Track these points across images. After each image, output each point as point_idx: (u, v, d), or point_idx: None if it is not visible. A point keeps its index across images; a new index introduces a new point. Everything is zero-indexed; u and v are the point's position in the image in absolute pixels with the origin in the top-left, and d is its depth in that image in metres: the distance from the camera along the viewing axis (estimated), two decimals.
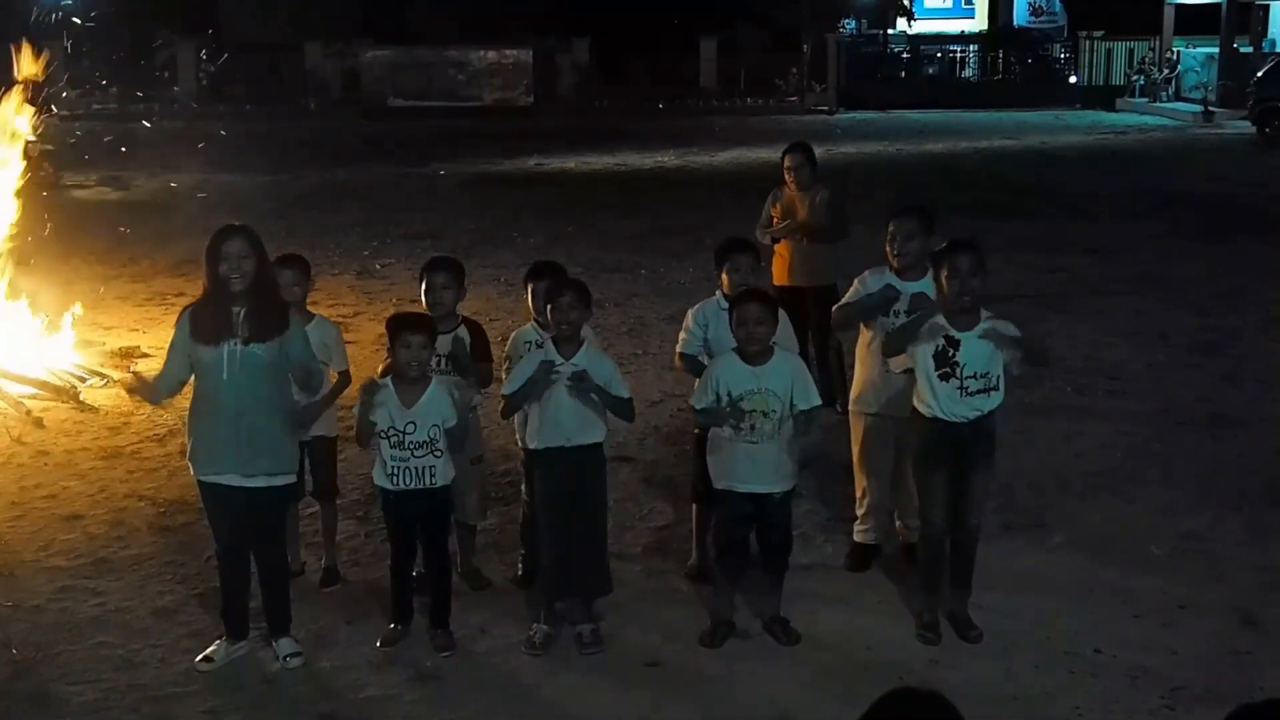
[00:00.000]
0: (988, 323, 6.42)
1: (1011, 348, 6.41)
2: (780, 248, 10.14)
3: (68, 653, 6.49)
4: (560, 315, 6.43)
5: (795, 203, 10.10)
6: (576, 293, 6.51)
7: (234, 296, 6.08)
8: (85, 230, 16.58)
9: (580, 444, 6.47)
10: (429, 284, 6.92)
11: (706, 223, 16.94)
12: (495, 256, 15.95)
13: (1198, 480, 8.67)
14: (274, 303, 6.22)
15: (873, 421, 7.21)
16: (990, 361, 6.40)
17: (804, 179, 10.10)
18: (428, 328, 6.45)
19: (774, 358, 6.41)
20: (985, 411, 6.44)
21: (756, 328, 6.36)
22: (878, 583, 7.16)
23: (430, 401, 6.36)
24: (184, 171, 21.86)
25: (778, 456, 6.44)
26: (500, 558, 7.45)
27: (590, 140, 30.13)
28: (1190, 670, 6.21)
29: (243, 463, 6.14)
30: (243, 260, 6.07)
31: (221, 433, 6.14)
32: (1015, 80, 44.00)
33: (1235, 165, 26.19)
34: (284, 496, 6.45)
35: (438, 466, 6.39)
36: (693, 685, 6.19)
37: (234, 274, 6.05)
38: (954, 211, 19.54)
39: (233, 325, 6.08)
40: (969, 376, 6.37)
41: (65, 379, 10.78)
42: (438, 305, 6.88)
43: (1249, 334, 12.48)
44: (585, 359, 6.43)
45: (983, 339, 6.37)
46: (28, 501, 8.48)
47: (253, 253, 6.11)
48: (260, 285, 6.14)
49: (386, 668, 6.33)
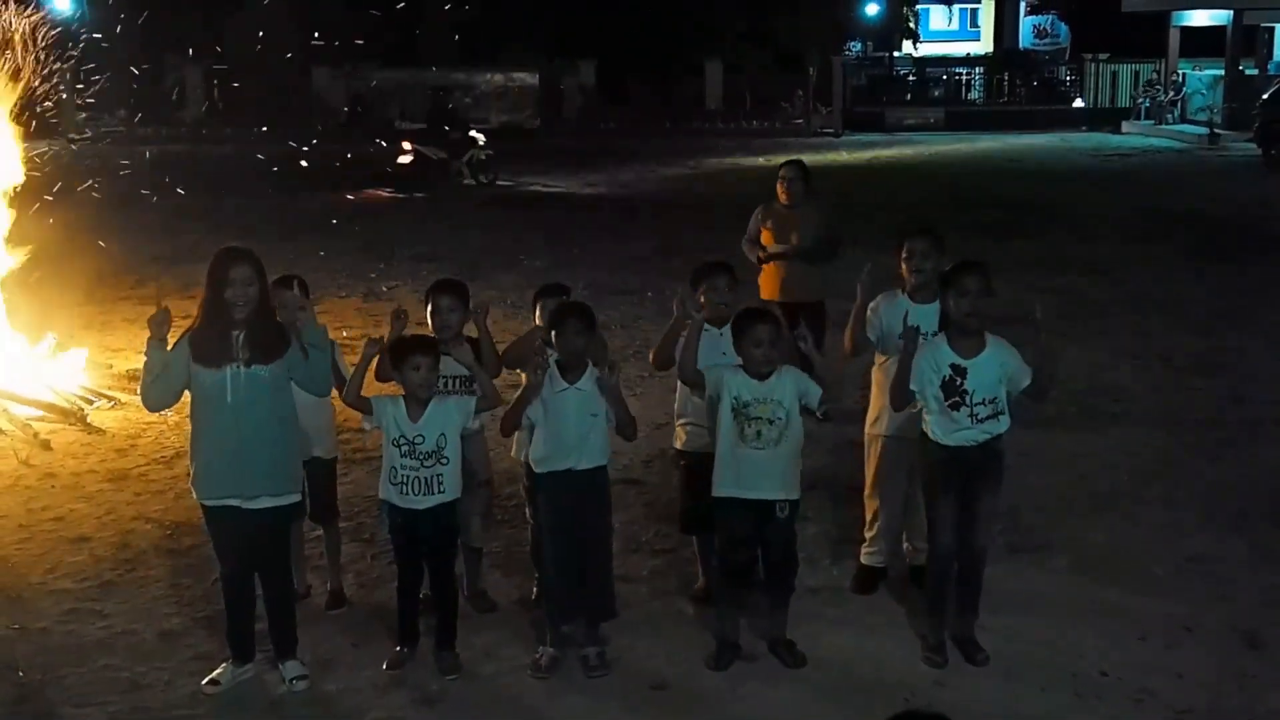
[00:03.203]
0: (994, 347, 6.45)
1: (1021, 375, 6.43)
2: (771, 264, 10.22)
3: (74, 675, 6.50)
4: (564, 342, 6.46)
5: (787, 220, 10.19)
6: (579, 319, 6.53)
7: (236, 321, 6.11)
8: (91, 252, 16.62)
9: (585, 468, 6.49)
10: (435, 306, 6.93)
11: (712, 245, 16.93)
12: (501, 279, 15.98)
13: (1202, 501, 8.67)
14: (273, 324, 6.24)
15: (888, 444, 7.20)
16: (998, 386, 6.43)
17: (797, 194, 10.20)
18: (434, 350, 6.48)
19: (778, 371, 6.43)
20: (994, 435, 6.46)
21: (770, 350, 6.40)
22: (884, 605, 7.17)
23: (437, 410, 6.40)
24: (191, 194, 21.93)
25: (783, 465, 6.44)
26: (506, 580, 7.45)
27: (596, 162, 30.19)
28: (1195, 692, 6.21)
29: (245, 485, 6.16)
30: (248, 287, 6.09)
31: (225, 456, 6.15)
32: (1020, 102, 44.12)
33: (1240, 187, 26.22)
34: (287, 517, 6.46)
35: (445, 475, 6.40)
36: (698, 708, 6.19)
37: (239, 300, 6.08)
38: (958, 232, 19.62)
39: (233, 349, 6.10)
40: (979, 403, 6.39)
41: (72, 401, 10.81)
42: (444, 328, 6.88)
43: (1252, 355, 12.49)
44: (590, 383, 6.46)
45: (989, 363, 6.39)
46: (35, 524, 8.50)
47: (257, 279, 6.14)
48: (263, 309, 6.17)
49: (392, 690, 6.34)
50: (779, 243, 10.19)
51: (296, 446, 6.41)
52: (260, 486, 6.18)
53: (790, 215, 10.22)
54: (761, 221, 10.31)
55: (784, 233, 10.20)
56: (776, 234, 10.22)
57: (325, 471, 7.15)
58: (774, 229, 10.23)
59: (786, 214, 10.24)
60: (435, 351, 6.48)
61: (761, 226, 10.29)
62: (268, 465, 6.17)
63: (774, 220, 10.26)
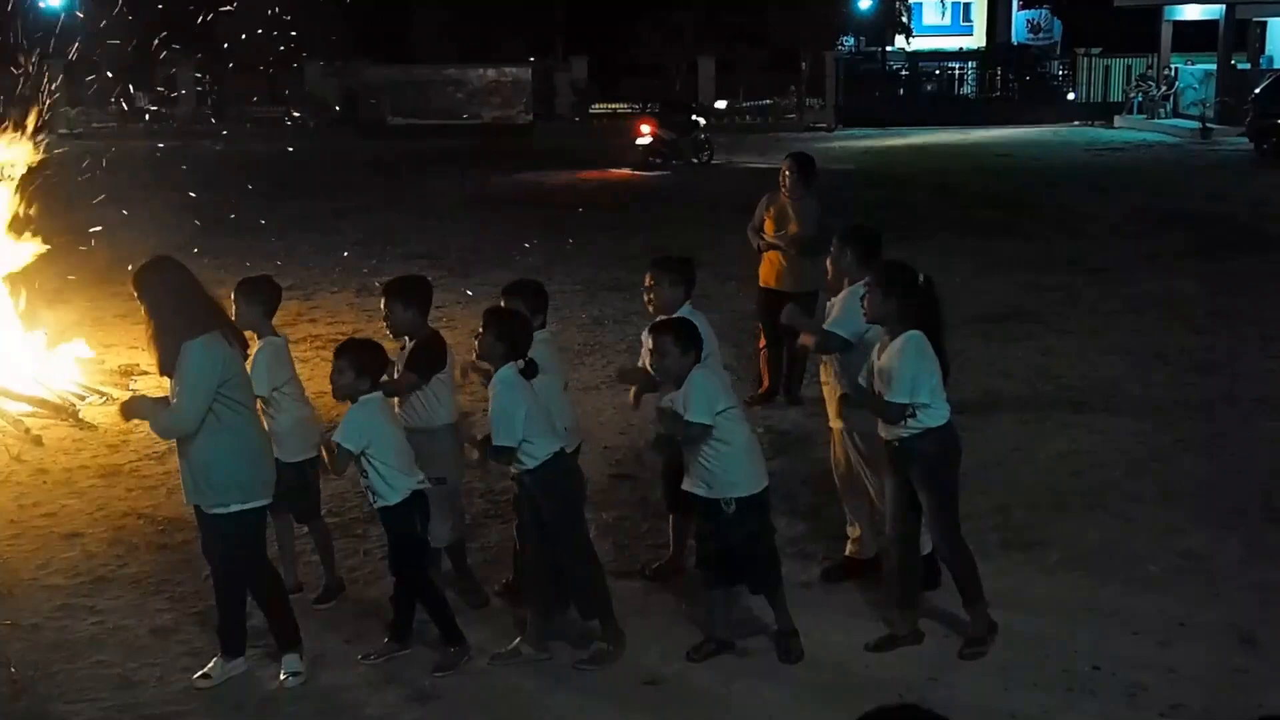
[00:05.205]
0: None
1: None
2: (770, 253, 10.50)
3: (66, 671, 6.50)
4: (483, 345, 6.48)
5: (787, 210, 10.44)
6: (493, 325, 6.48)
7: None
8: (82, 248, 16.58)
9: (530, 466, 6.42)
10: (384, 308, 7.02)
11: (705, 241, 16.95)
12: (493, 275, 15.93)
13: (1195, 499, 8.67)
14: (161, 342, 6.11)
15: (842, 436, 7.30)
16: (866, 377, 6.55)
17: (797, 187, 10.41)
18: (347, 351, 6.46)
19: (688, 380, 6.40)
20: (909, 434, 6.40)
21: (660, 358, 6.46)
22: (877, 600, 7.16)
23: (343, 424, 6.38)
24: (182, 190, 21.88)
25: (719, 464, 6.39)
26: (499, 575, 7.43)
27: (588, 158, 30.17)
28: (1188, 688, 6.21)
29: (189, 492, 6.22)
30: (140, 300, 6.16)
31: (181, 460, 6.24)
32: (1013, 97, 44.14)
33: (1232, 182, 26.23)
34: (240, 524, 6.23)
35: (374, 486, 6.39)
36: (691, 703, 6.20)
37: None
38: (950, 229, 19.67)
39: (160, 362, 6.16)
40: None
41: (64, 397, 10.78)
42: (393, 328, 7.02)
43: (1246, 352, 12.49)
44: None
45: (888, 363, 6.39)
46: (26, 520, 8.49)
47: (139, 295, 6.15)
48: (153, 325, 6.14)
49: (385, 687, 6.33)
50: (778, 232, 10.42)
51: (236, 456, 6.18)
52: (200, 497, 6.20)
53: (790, 206, 10.45)
54: (765, 210, 10.58)
55: (783, 223, 10.47)
56: (776, 223, 10.49)
57: (295, 474, 6.99)
58: (775, 218, 10.50)
59: (786, 205, 10.48)
60: (346, 353, 6.44)
61: (764, 215, 10.56)
62: (200, 475, 6.14)
63: (775, 210, 10.53)
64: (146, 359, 12.00)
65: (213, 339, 6.07)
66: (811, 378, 9.96)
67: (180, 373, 6.01)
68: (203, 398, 6.01)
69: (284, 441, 6.91)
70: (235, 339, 6.28)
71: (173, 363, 6.01)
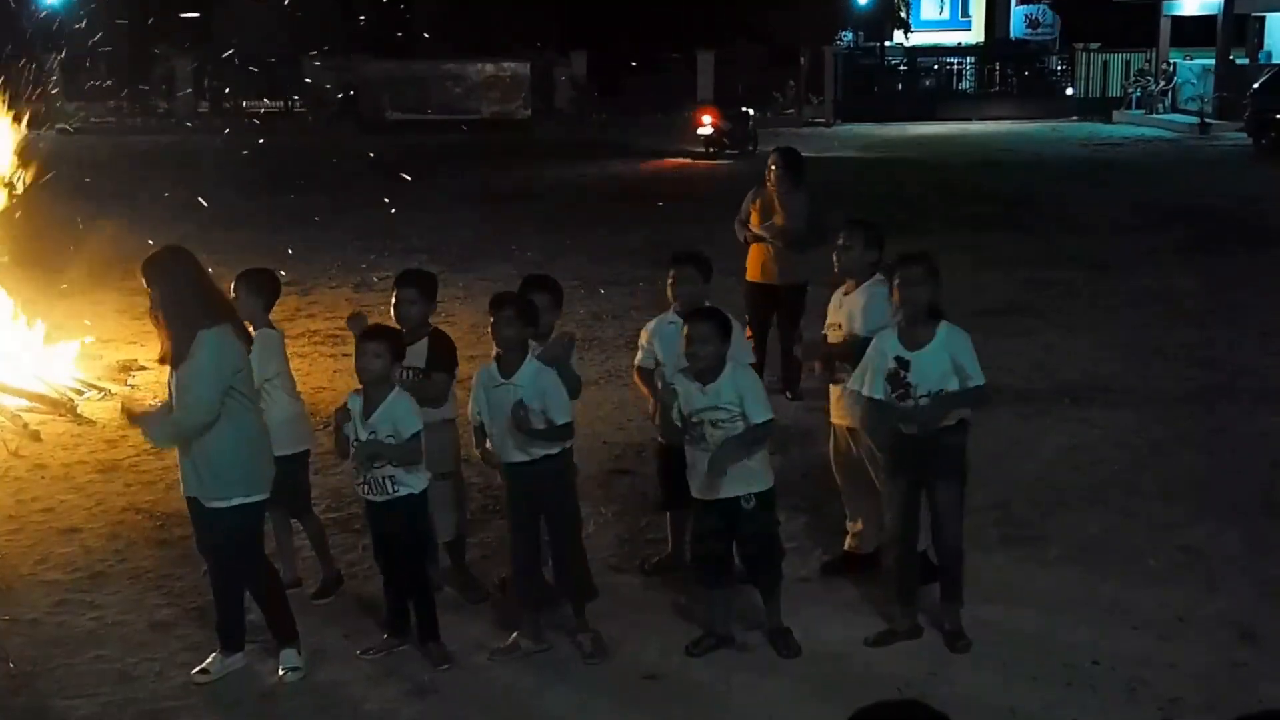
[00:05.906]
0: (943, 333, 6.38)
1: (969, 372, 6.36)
2: (756, 246, 10.53)
3: (65, 666, 6.49)
4: (496, 331, 6.45)
5: (774, 203, 10.46)
6: (515, 308, 6.49)
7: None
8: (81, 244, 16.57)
9: (530, 459, 6.43)
10: (397, 298, 7.00)
11: (704, 236, 16.93)
12: (493, 269, 15.95)
13: (1195, 493, 8.67)
14: (173, 331, 6.08)
15: (839, 431, 7.28)
16: (944, 378, 6.35)
17: (784, 181, 10.45)
18: (382, 337, 6.43)
19: (723, 375, 6.35)
20: (952, 424, 6.40)
21: (702, 346, 6.34)
22: (876, 596, 7.15)
23: (383, 412, 6.33)
24: (180, 185, 21.86)
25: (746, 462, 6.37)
26: (497, 570, 7.42)
27: (588, 153, 30.15)
28: (1188, 682, 6.21)
29: (190, 485, 6.19)
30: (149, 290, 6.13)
31: (182, 453, 6.20)
32: (1012, 92, 44.15)
33: (1231, 177, 26.23)
34: (240, 518, 6.21)
35: (397, 475, 6.35)
36: (691, 698, 6.19)
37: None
38: (949, 224, 19.66)
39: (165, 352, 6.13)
40: (922, 396, 6.35)
41: (63, 392, 10.77)
42: (404, 319, 6.95)
43: (1245, 347, 12.48)
44: (526, 376, 6.40)
45: (935, 355, 6.33)
46: (25, 515, 8.48)
47: (150, 284, 6.13)
48: (163, 314, 6.12)
49: (384, 681, 6.32)
50: (764, 223, 10.45)
51: (241, 449, 6.17)
52: (202, 490, 6.16)
53: (777, 200, 10.47)
54: (751, 203, 10.61)
55: (769, 216, 10.50)
56: (762, 216, 10.52)
57: (285, 468, 6.87)
58: (760, 211, 10.53)
59: (774, 198, 10.50)
60: (382, 339, 6.40)
61: (750, 208, 10.59)
62: (203, 468, 6.12)
63: (762, 203, 10.56)
64: (145, 354, 12.06)
65: (226, 330, 6.06)
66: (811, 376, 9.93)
67: (194, 361, 5.96)
68: (219, 386, 5.99)
69: (273, 435, 6.89)
70: (242, 332, 6.27)
71: (184, 352, 5.97)
